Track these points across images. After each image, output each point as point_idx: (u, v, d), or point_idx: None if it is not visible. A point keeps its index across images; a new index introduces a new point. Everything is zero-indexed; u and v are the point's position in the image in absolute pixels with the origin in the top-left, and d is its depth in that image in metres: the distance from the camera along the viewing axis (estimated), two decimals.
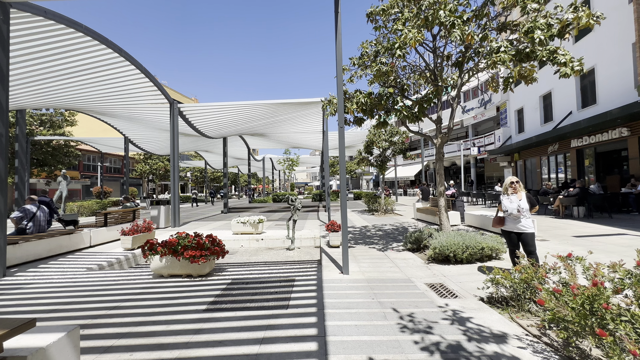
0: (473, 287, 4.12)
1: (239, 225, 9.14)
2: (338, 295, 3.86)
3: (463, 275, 4.68)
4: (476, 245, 5.19)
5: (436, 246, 5.32)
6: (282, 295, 3.88)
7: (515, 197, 4.30)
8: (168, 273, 4.78)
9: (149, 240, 4.81)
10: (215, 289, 4.20)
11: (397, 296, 3.82)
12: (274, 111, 12.90)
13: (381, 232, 9.19)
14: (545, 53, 4.92)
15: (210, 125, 13.87)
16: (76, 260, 6.11)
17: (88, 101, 10.78)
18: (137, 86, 9.98)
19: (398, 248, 6.77)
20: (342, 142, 4.86)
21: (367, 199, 15.82)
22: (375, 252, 6.48)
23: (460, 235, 5.57)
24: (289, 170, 32.14)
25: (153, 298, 3.89)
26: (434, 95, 6.37)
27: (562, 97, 15.33)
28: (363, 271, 4.99)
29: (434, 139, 6.64)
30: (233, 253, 7.93)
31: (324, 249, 6.86)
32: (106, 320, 3.23)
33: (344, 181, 4.70)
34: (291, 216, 8.06)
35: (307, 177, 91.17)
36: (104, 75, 9.09)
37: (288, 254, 7.62)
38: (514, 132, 20.63)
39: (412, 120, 6.60)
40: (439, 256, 5.34)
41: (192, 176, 42.98)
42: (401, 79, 6.94)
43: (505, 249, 5.39)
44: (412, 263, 5.47)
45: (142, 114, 13.01)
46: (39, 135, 17.74)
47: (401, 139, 14.98)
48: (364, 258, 5.92)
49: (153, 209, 10.56)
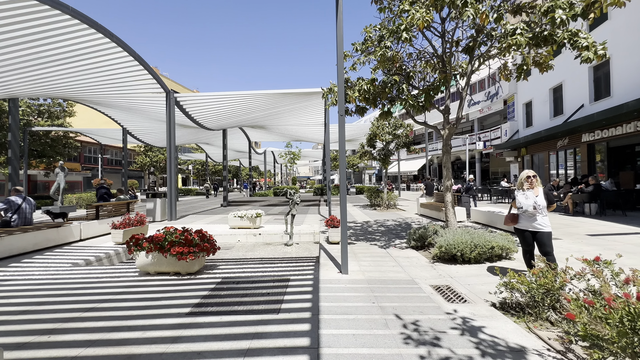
0: (483, 290, 3.77)
1: (236, 219, 8.83)
2: (335, 298, 3.53)
3: (472, 276, 4.33)
4: (485, 244, 4.83)
5: (442, 244, 4.96)
6: (275, 298, 3.56)
7: (532, 192, 3.91)
8: (154, 270, 4.47)
9: (134, 235, 4.50)
10: (203, 289, 3.88)
11: (400, 300, 3.48)
12: (275, 102, 12.49)
13: (383, 227, 8.84)
14: (567, 35, 4.47)
15: (208, 116, 13.50)
16: (63, 254, 5.83)
17: (80, 90, 10.43)
18: (130, 74, 9.61)
19: (401, 245, 6.43)
20: (342, 132, 4.48)
21: (369, 194, 15.47)
22: (376, 249, 6.14)
23: (468, 233, 5.21)
24: (290, 164, 31.76)
25: (134, 299, 3.58)
26: (442, 83, 5.94)
27: (573, 89, 14.74)
28: (363, 271, 4.66)
29: (441, 130, 6.23)
30: (229, 248, 7.63)
31: (323, 246, 6.53)
32: (78, 325, 2.92)
33: (344, 174, 4.34)
34: (289, 210, 7.72)
35: (309, 171, 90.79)
36: (94, 62, 8.72)
37: (286, 250, 7.31)
38: (522, 126, 20.05)
39: (418, 110, 6.20)
40: (445, 255, 4.99)
41: (193, 169, 42.77)
42: (407, 66, 6.51)
43: (516, 248, 5.02)
44: (416, 262, 5.13)
45: (138, 104, 12.66)
46: (37, 126, 17.47)
47: (405, 132, 14.54)
48: (365, 256, 5.59)
49: (149, 202, 10.28)
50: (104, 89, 10.60)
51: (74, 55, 8.24)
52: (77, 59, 8.44)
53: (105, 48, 8.22)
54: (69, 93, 10.85)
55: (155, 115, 14.10)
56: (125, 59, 8.79)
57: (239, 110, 13.34)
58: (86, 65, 8.83)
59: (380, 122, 14.30)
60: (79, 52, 8.13)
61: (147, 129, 17.53)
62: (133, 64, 9.04)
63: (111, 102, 12.51)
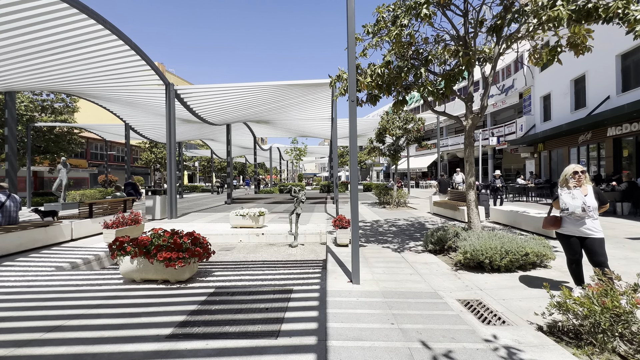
0: (523, 307, 3.15)
1: (238, 218, 8.32)
2: (346, 317, 2.95)
3: (505, 288, 3.70)
4: (518, 251, 4.19)
5: (467, 250, 4.33)
6: (274, 315, 3.00)
7: (579, 191, 3.25)
8: (140, 277, 3.96)
9: (118, 238, 3.99)
10: (191, 301, 3.35)
11: (424, 320, 2.89)
12: (280, 95, 11.91)
13: (395, 228, 8.23)
14: (622, 3, 3.77)
15: (211, 110, 12.99)
16: (48, 256, 5.38)
17: (77, 82, 10.01)
18: (128, 65, 9.12)
19: (417, 248, 5.81)
20: (353, 121, 3.88)
21: (378, 191, 14.82)
22: (390, 253, 5.54)
23: (496, 237, 4.57)
24: (296, 160, 31.21)
25: (110, 314, 3.07)
26: (465, 67, 5.27)
27: (598, 80, 13.79)
28: (377, 279, 4.07)
29: (464, 121, 5.57)
30: (229, 249, 7.13)
31: (330, 248, 5.96)
32: (32, 351, 2.41)
33: (355, 167, 3.74)
34: (294, 209, 7.17)
35: (315, 168, 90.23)
36: (89, 52, 8.25)
37: (290, 252, 6.78)
38: (539, 120, 19.07)
39: (437, 98, 5.55)
40: (470, 262, 4.36)
41: (200, 166, 42.59)
42: (424, 49, 5.85)
43: (554, 254, 4.36)
44: (436, 269, 4.51)
45: (139, 98, 12.22)
46: (40, 122, 17.24)
47: (416, 126, 13.83)
48: (378, 261, 5.00)
49: (148, 199, 9.84)
50: (101, 80, 10.16)
51: (68, 44, 7.79)
52: (71, 48, 7.98)
53: (99, 36, 7.73)
54: (66, 86, 10.45)
55: (158, 110, 13.66)
56: (120, 48, 8.29)
57: (243, 104, 12.81)
58: (81, 55, 8.37)
59: (391, 116, 13.62)
60: (72, 40, 7.67)
61: (150, 125, 17.15)
62: (130, 54, 8.54)
63: (111, 96, 12.10)
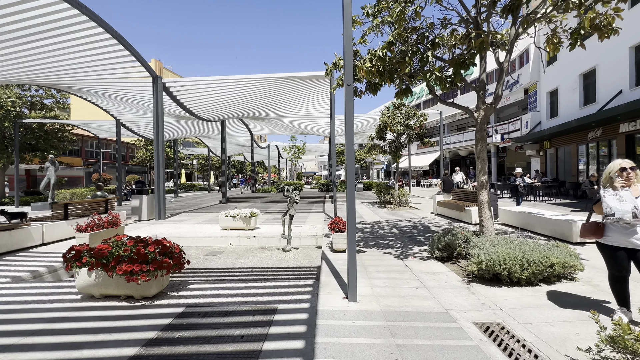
0: (557, 335, 2.56)
1: (228, 219, 7.73)
2: (339, 351, 2.36)
3: (529, 308, 3.11)
4: (542, 261, 3.60)
5: (482, 259, 3.74)
6: (250, 346, 2.42)
7: (628, 193, 2.64)
8: (100, 293, 3.38)
9: (74, 246, 3.40)
10: (153, 325, 2.77)
11: (436, 355, 2.30)
12: (276, 88, 11.29)
13: (397, 230, 7.64)
14: None
15: (203, 105, 12.38)
16: (8, 264, 4.80)
17: (58, 74, 9.40)
18: (111, 55, 8.51)
19: (421, 255, 5.23)
20: (350, 108, 3.28)
21: (379, 190, 14.23)
22: (391, 260, 4.95)
23: (513, 243, 3.98)
24: (295, 158, 30.60)
25: (47, 345, 2.48)
26: (478, 51, 4.66)
27: (609, 74, 13.15)
28: (377, 295, 3.48)
29: (475, 112, 4.97)
30: (217, 254, 6.55)
31: (326, 254, 5.37)
32: None
33: (352, 163, 3.15)
34: (287, 210, 6.58)
35: (315, 167, 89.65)
36: (68, 40, 7.65)
37: (283, 257, 6.19)
38: (545, 117, 18.44)
39: (445, 86, 4.94)
40: (485, 273, 3.77)
41: (197, 164, 42.02)
42: (430, 33, 5.24)
43: (582, 265, 3.77)
44: (446, 281, 3.93)
45: (128, 93, 11.62)
46: (28, 119, 16.64)
47: (419, 122, 13.20)
48: (378, 270, 4.41)
49: (134, 199, 9.26)
50: (85, 73, 9.55)
51: (43, 31, 7.19)
52: (47, 36, 7.39)
53: (76, 22, 7.13)
54: (46, 79, 9.83)
55: (149, 106, 13.03)
56: (101, 37, 7.69)
57: (238, 98, 12.19)
58: (59, 44, 7.77)
59: (392, 111, 13.01)
60: (48, 26, 7.08)
61: (141, 121, 16.55)
62: (111, 42, 7.93)
63: (98, 90, 11.49)
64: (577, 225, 5.56)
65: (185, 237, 7.33)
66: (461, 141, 28.09)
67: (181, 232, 7.55)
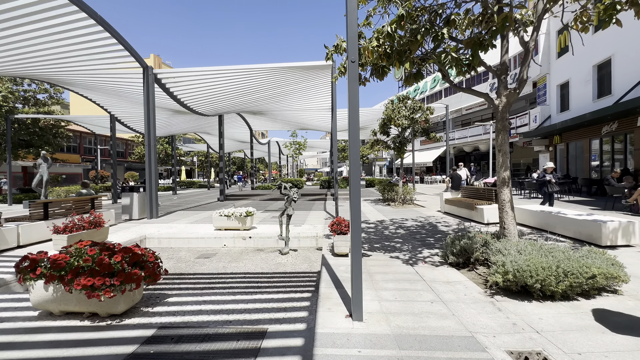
0: None
1: (222, 219, 7.23)
2: None
3: (572, 330, 2.57)
4: (582, 272, 3.04)
5: (509, 269, 3.19)
6: None
7: None
8: (60, 310, 2.87)
9: (28, 255, 2.89)
10: (111, 356, 2.25)
11: None
12: (275, 80, 10.72)
13: (403, 230, 7.09)
14: None
15: (199, 98, 11.83)
16: None
17: (43, 65, 8.87)
18: (98, 44, 7.97)
19: (433, 259, 4.69)
20: (354, 88, 2.73)
21: (382, 187, 13.66)
22: (400, 266, 4.42)
23: (544, 250, 3.43)
24: (295, 155, 30.02)
25: None
26: (499, 29, 4.08)
27: (626, 64, 12.45)
28: (386, 312, 2.95)
29: (496, 99, 4.40)
30: (209, 256, 6.05)
31: (327, 259, 4.84)
32: None
33: (357, 152, 2.61)
34: (284, 210, 6.05)
35: (317, 163, 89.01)
36: (50, 26, 7.11)
37: (280, 260, 5.68)
38: (555, 110, 17.74)
39: (461, 70, 4.37)
40: (511, 285, 3.23)
41: (197, 161, 41.55)
42: (443, 12, 4.65)
43: (627, 276, 3.21)
44: (464, 293, 3.39)
45: (119, 85, 11.08)
46: (21, 114, 16.18)
47: (424, 116, 12.59)
48: (386, 279, 3.87)
49: (125, 197, 8.76)
50: (73, 63, 9.01)
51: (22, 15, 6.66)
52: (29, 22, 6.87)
53: (57, 5, 6.59)
54: (33, 70, 9.30)
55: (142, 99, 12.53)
56: (85, 22, 7.15)
57: (234, 91, 11.62)
58: (41, 30, 7.24)
59: (396, 104, 12.40)
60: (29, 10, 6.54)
61: (137, 116, 16.00)
62: (96, 29, 7.38)
63: (89, 83, 10.96)
64: (607, 227, 4.99)
65: (176, 238, 6.83)
66: (466, 137, 27.41)
67: (172, 233, 7.05)
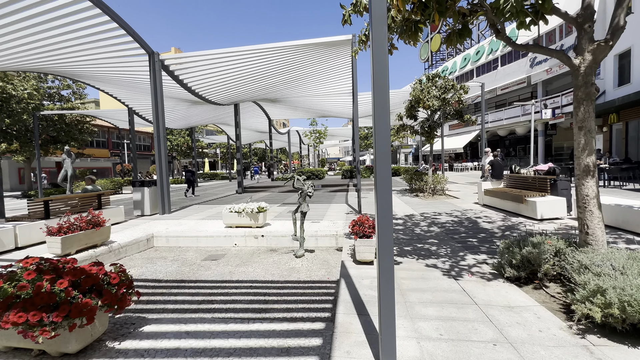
0: None
1: (232, 215, 6.58)
2: None
3: None
4: None
5: (613, 300, 2.18)
6: None
7: None
8: (3, 345, 2.26)
9: None
10: None
11: None
12: (291, 61, 9.80)
13: (437, 227, 6.08)
14: None
15: (211, 85, 11.20)
16: None
17: (54, 59, 8.54)
18: (100, 28, 7.44)
19: (481, 269, 3.71)
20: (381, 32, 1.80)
21: (409, 176, 12.53)
22: (440, 279, 3.48)
23: None
24: (316, 144, 29.14)
25: None
26: None
27: None
28: (427, 354, 2.07)
29: (575, 59, 3.25)
30: (218, 258, 5.44)
31: (347, 266, 4.01)
32: None
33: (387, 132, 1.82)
34: (298, 206, 5.25)
35: (339, 152, 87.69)
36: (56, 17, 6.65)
37: (293, 264, 4.93)
38: (611, 85, 15.46)
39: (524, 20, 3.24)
40: (616, 322, 2.22)
41: (220, 152, 41.90)
42: None
43: None
44: (538, 327, 2.42)
45: (132, 77, 10.68)
46: (45, 110, 16.53)
47: (457, 96, 11.20)
48: (423, 301, 2.97)
49: (136, 192, 8.38)
50: (81, 55, 8.62)
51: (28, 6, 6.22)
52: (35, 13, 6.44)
53: None
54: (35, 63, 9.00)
55: None
56: (83, 4, 6.60)
57: (247, 75, 10.83)
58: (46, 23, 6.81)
59: (425, 84, 11.09)
60: None
61: None
62: (95, 12, 6.83)
63: (102, 76, 10.67)
64: None
65: (184, 237, 6.30)
66: (501, 119, 25.13)
67: (181, 230, 6.52)
